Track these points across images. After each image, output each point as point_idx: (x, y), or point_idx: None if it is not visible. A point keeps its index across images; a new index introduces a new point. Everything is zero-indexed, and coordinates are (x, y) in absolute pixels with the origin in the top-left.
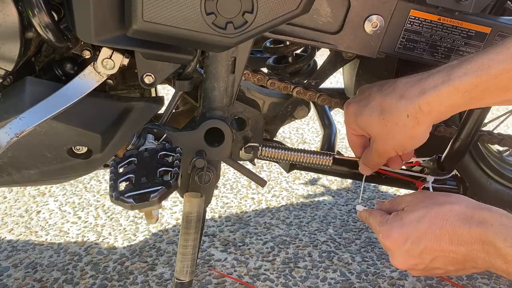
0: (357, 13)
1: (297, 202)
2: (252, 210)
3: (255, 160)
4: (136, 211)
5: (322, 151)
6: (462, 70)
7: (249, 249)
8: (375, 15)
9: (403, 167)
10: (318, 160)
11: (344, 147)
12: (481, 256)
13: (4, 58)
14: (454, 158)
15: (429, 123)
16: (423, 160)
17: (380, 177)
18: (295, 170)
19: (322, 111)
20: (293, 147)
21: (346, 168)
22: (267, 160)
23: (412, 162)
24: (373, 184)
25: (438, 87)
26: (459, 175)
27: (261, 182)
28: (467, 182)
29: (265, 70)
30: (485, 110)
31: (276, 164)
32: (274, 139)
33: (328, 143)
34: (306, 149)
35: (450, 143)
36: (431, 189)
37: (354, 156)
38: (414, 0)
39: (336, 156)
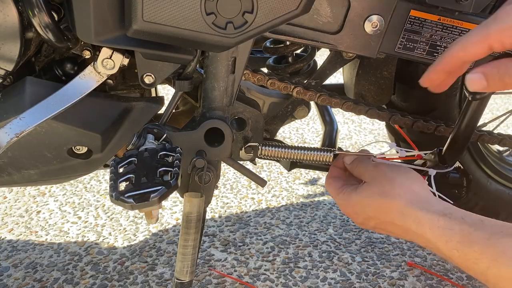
0: (357, 13)
1: (297, 202)
2: (252, 210)
3: (256, 160)
4: (136, 211)
5: (323, 147)
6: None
7: (249, 249)
8: (375, 15)
9: (405, 160)
10: (319, 157)
11: (344, 147)
12: (423, 244)
13: (4, 58)
14: (455, 151)
15: None
16: (425, 153)
17: None
18: (295, 170)
19: (323, 108)
20: (293, 145)
21: None
22: (267, 159)
23: (414, 156)
24: None
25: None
26: (462, 167)
27: (261, 182)
28: (470, 174)
29: (265, 70)
30: (484, 101)
31: (276, 164)
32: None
33: (329, 139)
34: (306, 146)
35: (450, 136)
36: (433, 183)
37: (355, 152)
38: (414, 0)
39: (337, 152)
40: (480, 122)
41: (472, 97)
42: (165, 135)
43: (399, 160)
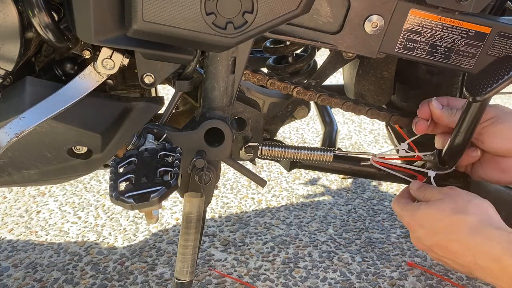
0: (357, 13)
1: (297, 202)
2: (252, 210)
3: (256, 160)
4: (136, 211)
5: (323, 147)
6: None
7: (249, 249)
8: (375, 15)
9: (405, 161)
10: (319, 157)
11: (344, 147)
12: (487, 269)
13: (4, 58)
14: (454, 152)
15: None
16: (424, 155)
17: (380, 173)
18: (295, 170)
19: (323, 108)
20: (293, 145)
21: (347, 164)
22: (267, 159)
23: (413, 157)
24: (373, 184)
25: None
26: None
27: (261, 182)
28: (470, 176)
29: (265, 70)
30: (484, 103)
31: (276, 164)
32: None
33: (329, 140)
34: (306, 146)
35: (451, 137)
36: (433, 184)
37: (354, 152)
38: (414, 0)
39: (337, 152)
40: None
41: (472, 99)
42: (165, 135)
43: (399, 161)
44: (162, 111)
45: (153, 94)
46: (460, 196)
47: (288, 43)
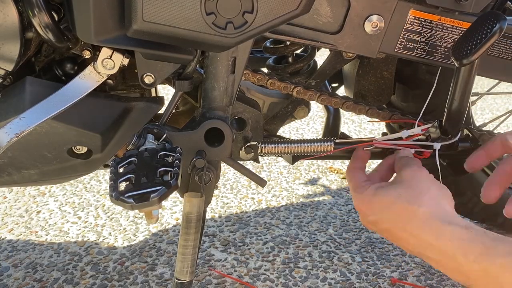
0: (357, 13)
1: (297, 202)
2: (252, 210)
3: (259, 158)
4: (136, 211)
5: (322, 138)
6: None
7: (249, 249)
8: (375, 15)
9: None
10: (320, 148)
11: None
12: (439, 262)
13: (4, 58)
14: (454, 120)
15: None
16: (425, 128)
17: (386, 152)
18: (295, 170)
19: None
20: (293, 139)
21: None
22: (269, 156)
23: (415, 134)
24: None
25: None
26: (471, 134)
27: (261, 182)
28: (480, 141)
29: (265, 70)
30: (473, 66)
31: (276, 164)
32: None
33: (333, 125)
34: (305, 138)
35: (446, 105)
36: (437, 156)
37: (355, 139)
38: (414, 0)
39: (337, 141)
40: (480, 122)
41: (459, 64)
42: (165, 135)
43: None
44: (162, 111)
45: (153, 94)
46: (418, 184)
47: (288, 43)
